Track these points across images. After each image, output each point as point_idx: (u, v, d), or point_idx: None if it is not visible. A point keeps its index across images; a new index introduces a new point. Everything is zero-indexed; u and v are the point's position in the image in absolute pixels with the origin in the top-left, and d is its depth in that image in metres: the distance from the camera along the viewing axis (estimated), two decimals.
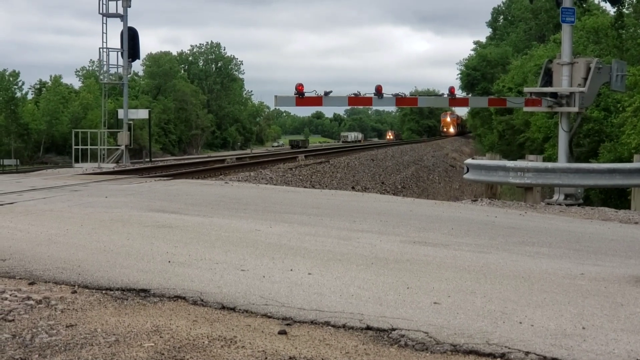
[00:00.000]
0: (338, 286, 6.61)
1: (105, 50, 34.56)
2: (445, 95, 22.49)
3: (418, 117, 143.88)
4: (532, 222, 12.27)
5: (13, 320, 5.57)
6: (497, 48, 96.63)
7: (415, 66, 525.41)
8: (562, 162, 19.53)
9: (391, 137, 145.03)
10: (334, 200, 14.89)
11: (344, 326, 5.46)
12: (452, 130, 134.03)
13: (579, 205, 18.07)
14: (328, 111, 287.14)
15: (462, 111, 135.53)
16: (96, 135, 35.21)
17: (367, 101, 21.77)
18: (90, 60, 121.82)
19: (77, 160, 34.25)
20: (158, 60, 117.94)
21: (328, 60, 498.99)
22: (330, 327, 5.46)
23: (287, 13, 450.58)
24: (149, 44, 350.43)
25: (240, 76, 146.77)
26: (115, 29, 34.84)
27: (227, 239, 9.11)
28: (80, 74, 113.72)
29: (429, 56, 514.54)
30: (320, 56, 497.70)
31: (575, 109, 20.00)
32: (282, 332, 5.30)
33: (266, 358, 4.75)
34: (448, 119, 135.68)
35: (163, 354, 4.80)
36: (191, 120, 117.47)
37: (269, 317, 5.72)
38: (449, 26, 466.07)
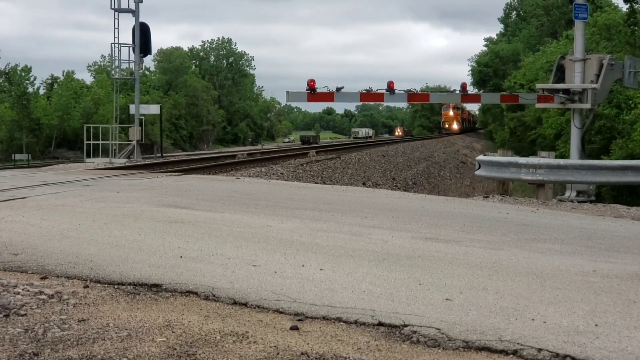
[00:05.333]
0: (350, 282, 6.60)
1: (116, 45, 34.65)
2: (457, 92, 22.50)
3: (429, 113, 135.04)
4: (544, 219, 12.24)
5: (25, 314, 5.58)
6: (508, 44, 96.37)
7: (432, 62, 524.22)
8: (574, 159, 19.47)
9: (400, 133, 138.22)
10: (345, 196, 14.89)
11: (355, 322, 5.46)
12: (455, 126, 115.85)
13: (590, 202, 18.03)
14: (339, 107, 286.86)
15: (470, 106, 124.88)
16: (107, 131, 35.28)
17: (379, 97, 21.79)
18: (102, 55, 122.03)
19: (88, 155, 34.37)
20: (169, 56, 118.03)
21: (345, 56, 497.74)
22: (342, 322, 5.46)
23: (306, 9, 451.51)
24: (167, 40, 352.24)
25: (252, 72, 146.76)
26: (129, 24, 34.95)
27: (238, 235, 9.12)
28: (92, 69, 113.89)
29: (446, 52, 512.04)
30: (337, 52, 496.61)
31: (587, 106, 19.95)
32: (294, 328, 5.30)
33: (278, 353, 4.75)
34: (451, 113, 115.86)
35: (175, 348, 4.81)
36: (202, 116, 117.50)
37: (281, 312, 5.72)
38: (468, 22, 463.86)
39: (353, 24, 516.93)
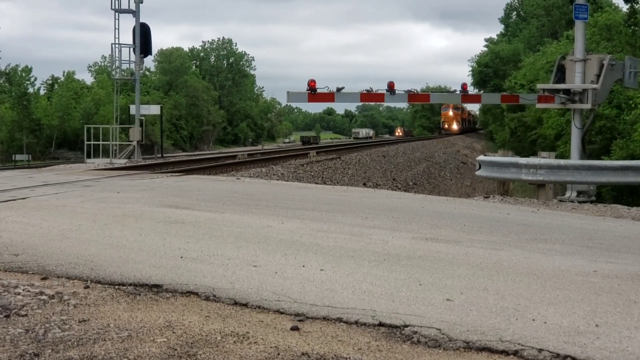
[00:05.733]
0: (350, 282, 6.60)
1: (117, 46, 34.66)
2: (458, 92, 22.52)
3: (429, 113, 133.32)
4: (544, 219, 12.24)
5: (26, 315, 5.58)
6: (509, 45, 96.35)
7: (433, 63, 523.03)
8: (574, 159, 19.47)
9: (400, 133, 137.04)
10: (345, 196, 14.88)
11: (356, 322, 5.46)
12: (455, 126, 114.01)
13: (591, 202, 18.03)
14: (339, 107, 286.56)
15: (470, 106, 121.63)
16: (108, 131, 35.28)
17: (380, 97, 21.81)
18: (102, 55, 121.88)
19: (89, 156, 34.38)
20: (169, 56, 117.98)
21: (345, 57, 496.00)
22: (342, 323, 5.46)
23: (307, 10, 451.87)
24: (168, 41, 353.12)
25: (252, 72, 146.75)
26: (130, 24, 34.93)
27: (239, 235, 9.12)
28: (92, 69, 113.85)
29: (446, 53, 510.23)
30: (337, 53, 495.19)
31: (588, 106, 19.96)
32: (295, 328, 5.30)
33: (278, 354, 4.75)
34: (450, 113, 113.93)
35: (176, 349, 4.81)
36: (202, 116, 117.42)
37: (282, 313, 5.72)
38: (469, 22, 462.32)
39: (353, 24, 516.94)
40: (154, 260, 7.44)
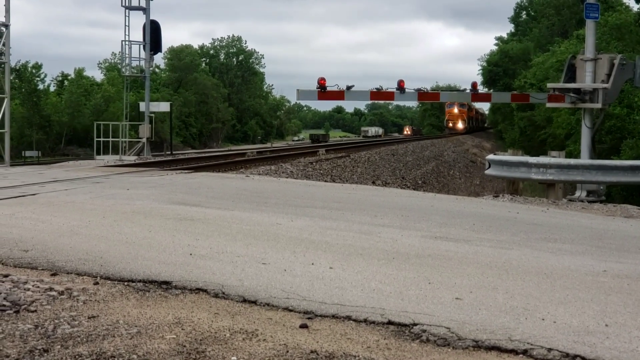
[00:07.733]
0: (359, 280, 6.60)
1: (127, 43, 34.69)
2: (468, 91, 22.49)
3: (439, 112, 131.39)
4: (554, 219, 12.21)
5: (35, 310, 5.59)
6: (519, 44, 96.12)
7: (444, 61, 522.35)
8: (584, 159, 19.43)
9: (409, 132, 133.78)
10: (355, 194, 14.87)
11: (365, 321, 5.45)
12: (460, 125, 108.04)
13: (601, 202, 18.00)
14: (349, 106, 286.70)
15: (479, 104, 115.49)
16: (118, 128, 35.36)
17: (390, 96, 21.79)
18: (113, 52, 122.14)
19: (98, 153, 34.42)
20: (179, 54, 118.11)
21: (357, 55, 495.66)
22: (351, 321, 5.45)
23: (320, 8, 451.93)
24: (181, 38, 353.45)
25: (261, 70, 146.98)
26: (141, 22, 34.90)
27: (248, 232, 9.12)
28: (102, 66, 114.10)
29: (458, 51, 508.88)
30: (349, 51, 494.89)
31: (598, 105, 19.92)
32: (304, 326, 5.29)
33: (287, 351, 4.74)
34: (455, 111, 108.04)
35: (185, 345, 4.81)
36: (212, 114, 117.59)
37: (290, 310, 5.71)
38: (482, 21, 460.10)
39: (366, 22, 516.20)
40: (164, 257, 7.44)
